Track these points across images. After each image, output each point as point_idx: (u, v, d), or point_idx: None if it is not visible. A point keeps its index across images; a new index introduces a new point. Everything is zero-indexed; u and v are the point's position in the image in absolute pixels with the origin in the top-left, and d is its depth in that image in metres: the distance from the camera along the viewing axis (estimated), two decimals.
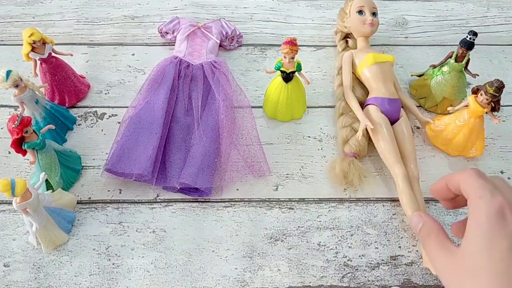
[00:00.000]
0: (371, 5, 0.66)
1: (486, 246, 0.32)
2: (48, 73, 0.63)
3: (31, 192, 0.48)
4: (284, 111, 0.65)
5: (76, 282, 0.52)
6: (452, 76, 0.65)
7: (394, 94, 0.60)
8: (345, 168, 0.57)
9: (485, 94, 0.55)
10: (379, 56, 0.62)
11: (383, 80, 0.61)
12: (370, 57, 0.62)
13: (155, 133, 0.60)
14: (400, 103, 0.61)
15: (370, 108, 0.60)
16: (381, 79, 0.61)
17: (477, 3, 0.85)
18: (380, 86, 0.60)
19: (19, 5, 0.82)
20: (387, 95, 0.60)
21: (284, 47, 0.58)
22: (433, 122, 0.62)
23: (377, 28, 0.66)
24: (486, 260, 0.32)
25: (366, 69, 0.62)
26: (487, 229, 0.32)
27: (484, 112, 0.57)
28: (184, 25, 0.73)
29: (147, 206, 0.58)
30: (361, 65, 0.62)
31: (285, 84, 0.62)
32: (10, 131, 0.51)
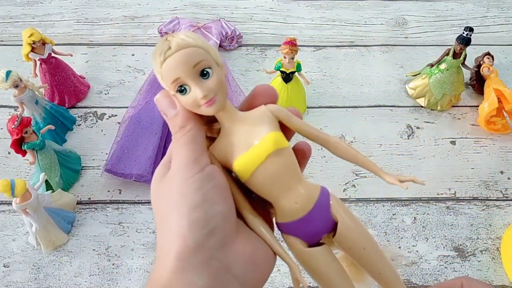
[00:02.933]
0: (189, 64, 0.27)
1: None
2: (48, 74, 0.63)
3: (31, 192, 0.48)
4: None
5: (76, 282, 0.52)
6: (450, 72, 0.65)
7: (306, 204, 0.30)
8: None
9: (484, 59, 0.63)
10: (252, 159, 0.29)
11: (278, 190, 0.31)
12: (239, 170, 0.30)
13: (155, 133, 0.60)
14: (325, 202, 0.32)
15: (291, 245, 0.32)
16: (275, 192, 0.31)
17: (477, 3, 0.85)
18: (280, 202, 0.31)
19: (19, 5, 0.82)
20: (296, 215, 0.31)
21: (284, 47, 0.58)
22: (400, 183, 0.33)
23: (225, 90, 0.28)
24: None
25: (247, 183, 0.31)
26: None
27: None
28: (184, 25, 0.73)
29: (147, 206, 0.58)
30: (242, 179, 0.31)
31: (285, 84, 0.62)
32: (10, 131, 0.51)
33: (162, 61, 0.28)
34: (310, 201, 0.31)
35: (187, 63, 0.27)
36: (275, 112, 0.30)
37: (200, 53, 0.28)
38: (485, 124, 0.64)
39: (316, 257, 0.31)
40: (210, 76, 0.28)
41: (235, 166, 0.30)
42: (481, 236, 0.56)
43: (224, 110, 0.30)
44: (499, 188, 0.60)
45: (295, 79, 0.63)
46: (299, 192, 0.30)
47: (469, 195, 0.60)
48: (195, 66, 0.28)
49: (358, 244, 0.31)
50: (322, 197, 0.31)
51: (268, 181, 0.30)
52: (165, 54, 0.27)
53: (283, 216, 0.31)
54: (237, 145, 0.30)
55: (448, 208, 0.58)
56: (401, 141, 0.64)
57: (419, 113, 0.68)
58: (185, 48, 0.27)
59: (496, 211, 0.58)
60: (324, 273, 0.31)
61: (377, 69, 0.73)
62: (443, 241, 0.55)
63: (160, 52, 0.27)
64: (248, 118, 0.30)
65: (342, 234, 0.31)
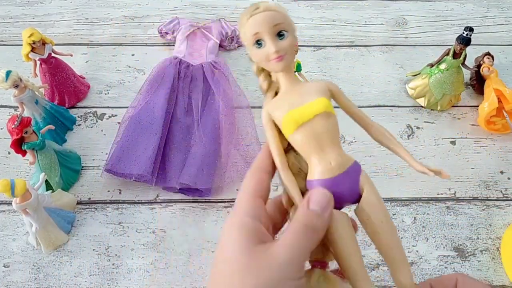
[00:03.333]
0: (271, 23, 0.34)
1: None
2: (48, 74, 0.63)
3: (31, 192, 0.48)
4: None
5: (76, 282, 0.52)
6: (450, 72, 0.65)
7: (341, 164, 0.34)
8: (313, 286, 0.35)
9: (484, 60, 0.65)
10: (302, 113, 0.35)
11: (318, 149, 0.35)
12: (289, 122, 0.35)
13: (155, 133, 0.60)
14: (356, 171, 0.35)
15: None
16: (315, 149, 0.35)
17: (477, 3, 0.85)
18: (316, 160, 0.35)
19: (19, 5, 0.82)
20: (328, 174, 0.34)
21: None
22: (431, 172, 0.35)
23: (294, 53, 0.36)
24: None
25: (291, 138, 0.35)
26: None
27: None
28: (184, 25, 0.73)
29: (147, 206, 0.58)
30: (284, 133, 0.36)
31: None
32: (10, 131, 0.51)
33: (249, 17, 0.33)
34: (343, 165, 0.34)
35: (269, 21, 0.33)
36: (330, 86, 0.35)
37: (281, 18, 0.33)
38: (485, 124, 0.64)
39: (335, 217, 0.33)
40: (285, 37, 0.34)
41: (285, 118, 0.34)
42: (481, 236, 0.56)
43: (287, 72, 0.35)
44: (499, 188, 0.60)
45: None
46: (335, 155, 0.34)
47: (469, 195, 0.60)
48: (275, 26, 0.33)
49: (377, 217, 0.34)
50: (354, 166, 0.34)
51: (311, 138, 0.34)
52: (252, 12, 0.33)
53: (316, 174, 0.34)
54: (291, 102, 0.34)
55: (448, 208, 0.58)
56: (401, 141, 0.64)
57: (419, 113, 0.68)
58: (270, 11, 0.33)
59: (496, 211, 0.58)
60: (339, 234, 0.33)
61: (377, 69, 0.73)
62: (443, 241, 0.55)
63: (248, 11, 0.33)
64: (306, 85, 0.35)
65: (365, 204, 0.34)
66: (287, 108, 0.34)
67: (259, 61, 0.36)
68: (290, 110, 0.34)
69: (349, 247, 0.34)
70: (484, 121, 0.64)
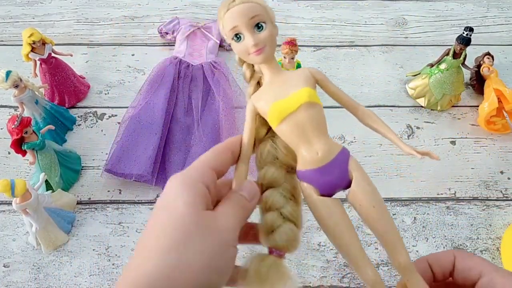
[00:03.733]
0: (247, 15, 0.34)
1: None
2: (48, 74, 0.63)
3: (31, 192, 0.48)
4: None
5: (76, 282, 0.52)
6: (450, 72, 0.65)
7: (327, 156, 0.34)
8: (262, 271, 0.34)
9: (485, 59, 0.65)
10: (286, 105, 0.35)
11: (304, 139, 0.35)
12: (273, 113, 0.35)
13: (155, 133, 0.60)
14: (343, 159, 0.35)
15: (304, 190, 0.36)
16: (301, 140, 0.35)
17: (477, 3, 0.85)
18: (303, 151, 0.35)
19: (19, 5, 0.82)
20: (315, 164, 0.35)
21: (284, 47, 0.58)
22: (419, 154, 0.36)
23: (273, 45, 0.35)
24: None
25: (277, 130, 0.36)
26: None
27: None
28: (184, 25, 0.73)
29: (147, 206, 0.58)
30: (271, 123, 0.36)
31: None
32: (10, 131, 0.51)
33: (226, 11, 0.33)
34: (331, 154, 0.34)
35: (246, 14, 0.33)
36: (314, 74, 0.35)
37: (258, 9, 0.33)
38: (485, 124, 0.64)
39: (326, 205, 0.34)
40: (263, 29, 0.33)
41: (270, 110, 0.34)
42: (481, 236, 0.56)
43: (269, 63, 0.35)
44: (499, 188, 0.60)
45: None
46: (321, 144, 0.34)
47: (469, 195, 0.60)
48: (251, 18, 0.33)
49: (369, 201, 0.34)
50: (342, 154, 0.34)
51: (296, 128, 0.34)
52: (229, 5, 0.33)
53: (304, 164, 0.34)
54: (275, 93, 0.34)
55: (448, 208, 0.58)
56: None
57: (419, 113, 0.68)
58: (247, 3, 0.33)
59: (496, 211, 0.58)
60: (333, 221, 0.34)
61: (377, 69, 0.73)
62: (443, 241, 0.55)
63: (225, 4, 0.33)
64: (289, 74, 0.35)
65: (355, 189, 0.34)
66: (272, 100, 0.34)
67: (240, 55, 0.35)
68: (274, 102, 0.34)
69: (344, 233, 0.34)
70: (484, 121, 0.64)
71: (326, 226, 0.35)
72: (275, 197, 0.36)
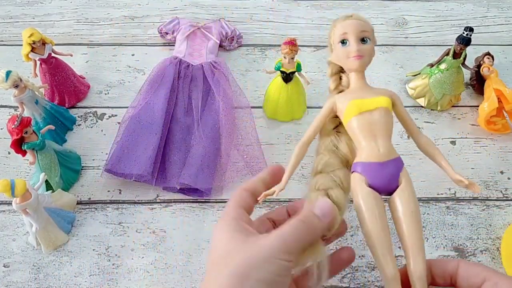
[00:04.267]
0: (358, 29, 0.42)
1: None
2: (48, 74, 0.63)
3: (31, 192, 0.48)
4: (284, 111, 0.65)
5: (76, 282, 0.52)
6: (450, 73, 0.65)
7: (388, 154, 0.40)
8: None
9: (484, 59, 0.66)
10: (365, 103, 0.41)
11: (371, 136, 0.40)
12: (352, 106, 0.41)
13: (155, 133, 0.60)
14: (400, 164, 0.40)
15: (354, 178, 0.40)
16: (369, 135, 0.40)
17: (477, 3, 0.85)
18: (368, 145, 0.40)
19: (19, 5, 0.82)
20: (377, 158, 0.39)
21: (284, 47, 0.58)
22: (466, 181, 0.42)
23: (370, 57, 0.43)
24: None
25: (350, 122, 0.41)
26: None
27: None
28: (184, 25, 0.73)
29: (147, 206, 0.58)
30: (345, 116, 0.42)
31: (285, 85, 0.62)
32: (10, 131, 0.51)
33: (342, 21, 0.41)
34: (389, 155, 0.39)
35: (358, 27, 0.41)
36: (393, 95, 0.43)
37: (368, 27, 0.42)
38: (485, 124, 0.64)
39: (371, 196, 0.38)
40: (367, 43, 0.42)
41: (349, 104, 0.40)
42: (481, 236, 0.56)
43: (359, 73, 0.43)
44: (499, 188, 0.60)
45: (295, 79, 0.63)
46: (384, 144, 0.39)
47: (469, 195, 0.60)
48: (361, 32, 0.41)
49: (408, 207, 0.37)
50: (399, 160, 0.40)
51: (367, 125, 0.40)
52: (346, 18, 0.42)
53: (363, 157, 0.39)
54: (357, 96, 0.41)
55: (448, 208, 0.58)
56: (401, 141, 0.64)
57: (419, 113, 0.68)
58: (361, 20, 0.42)
59: (496, 211, 0.58)
60: (371, 210, 0.37)
61: (377, 69, 0.73)
62: (443, 241, 0.56)
63: (342, 17, 0.42)
64: (372, 88, 0.42)
65: (400, 192, 0.38)
66: (353, 98, 0.41)
67: (339, 58, 0.43)
68: (355, 99, 0.41)
69: (379, 224, 0.37)
70: (484, 121, 0.64)
71: (364, 214, 0.38)
72: (325, 179, 0.40)
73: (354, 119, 0.41)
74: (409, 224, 0.38)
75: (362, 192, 0.38)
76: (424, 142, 0.43)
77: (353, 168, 0.40)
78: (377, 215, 0.38)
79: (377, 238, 0.37)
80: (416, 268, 0.36)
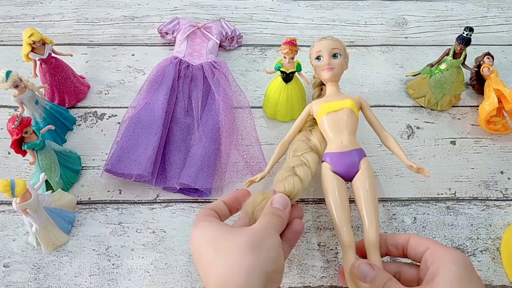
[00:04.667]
0: (330, 46, 0.55)
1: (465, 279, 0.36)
2: (48, 74, 0.63)
3: (31, 192, 0.48)
4: (284, 111, 0.65)
5: (76, 282, 0.52)
6: (451, 73, 0.65)
7: (350, 145, 0.51)
8: (256, 202, 0.46)
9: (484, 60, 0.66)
10: (332, 105, 0.53)
11: (337, 130, 0.52)
12: (322, 108, 0.53)
13: (155, 133, 0.60)
14: (360, 154, 0.51)
15: (323, 166, 0.51)
16: (335, 130, 0.52)
17: (477, 3, 0.85)
18: (334, 137, 0.52)
19: (19, 5, 0.82)
20: (340, 148, 0.51)
21: (284, 47, 0.58)
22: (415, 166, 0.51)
23: (341, 69, 0.56)
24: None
25: (321, 121, 0.53)
26: (465, 270, 0.37)
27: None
28: (184, 25, 0.73)
29: (147, 206, 0.58)
30: (318, 117, 0.54)
31: (285, 85, 0.62)
32: (10, 131, 0.51)
33: (318, 41, 0.57)
34: (352, 146, 0.51)
35: (330, 45, 0.56)
36: (361, 99, 0.55)
37: (339, 46, 0.56)
38: (485, 124, 0.64)
39: (334, 178, 0.49)
40: (337, 58, 0.56)
41: (320, 106, 0.53)
42: (481, 236, 0.56)
43: (332, 83, 0.56)
44: (499, 188, 0.60)
45: (295, 79, 0.63)
46: (347, 138, 0.51)
47: (469, 195, 0.60)
48: (332, 49, 0.56)
49: (364, 187, 0.48)
50: (360, 151, 0.51)
51: (334, 122, 0.52)
52: (321, 38, 0.57)
53: (330, 148, 0.51)
54: (328, 99, 0.54)
55: (448, 208, 0.58)
56: (401, 141, 0.64)
57: (419, 113, 0.68)
58: (333, 40, 0.56)
59: (496, 211, 0.58)
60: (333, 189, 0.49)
61: (377, 69, 0.73)
62: (443, 241, 0.55)
63: (321, 38, 0.57)
64: (343, 94, 0.56)
65: (359, 176, 0.49)
66: (324, 102, 0.54)
67: (316, 71, 0.57)
68: (326, 102, 0.54)
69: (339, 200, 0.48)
70: (484, 121, 0.64)
71: (328, 193, 0.49)
72: (294, 159, 0.52)
73: (324, 117, 0.53)
74: (365, 200, 0.47)
75: (327, 177, 0.50)
76: (384, 136, 0.54)
77: (323, 158, 0.52)
78: (337, 194, 0.48)
79: (336, 212, 0.47)
80: (369, 236, 0.45)
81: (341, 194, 0.48)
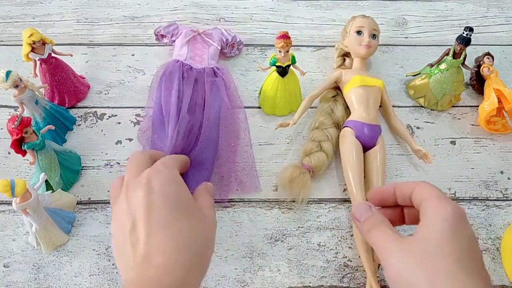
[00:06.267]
0: (371, 26, 0.62)
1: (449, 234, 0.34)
2: (48, 74, 0.63)
3: (31, 192, 0.48)
4: (283, 105, 0.65)
5: (76, 282, 0.52)
6: (451, 73, 0.65)
7: (374, 120, 0.57)
8: (294, 175, 0.54)
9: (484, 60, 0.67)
10: (367, 80, 0.59)
11: (365, 104, 0.58)
12: (356, 79, 0.59)
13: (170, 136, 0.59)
14: (379, 130, 0.58)
15: (345, 130, 0.57)
16: (363, 103, 0.58)
17: (477, 3, 0.85)
18: (361, 110, 0.58)
19: (19, 5, 0.82)
20: (365, 120, 0.57)
21: (278, 41, 0.58)
22: (424, 150, 0.59)
23: (375, 50, 0.63)
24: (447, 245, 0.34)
25: (351, 91, 0.59)
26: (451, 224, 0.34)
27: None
28: (185, 30, 0.72)
29: None
30: (347, 86, 0.59)
31: (281, 79, 0.62)
32: (9, 131, 0.51)
33: (361, 17, 0.64)
34: (375, 121, 0.57)
35: (372, 25, 0.63)
36: (383, 82, 0.62)
37: (378, 28, 0.63)
38: (485, 124, 0.64)
39: (354, 142, 0.56)
40: (375, 38, 0.63)
41: (355, 77, 0.59)
42: (481, 236, 0.56)
43: (362, 60, 0.63)
44: (499, 188, 0.60)
45: (290, 72, 0.63)
46: (372, 113, 0.58)
47: (469, 195, 0.60)
48: (373, 29, 0.62)
49: (376, 162, 0.55)
50: (379, 127, 0.58)
51: (365, 95, 0.58)
52: (364, 15, 0.63)
53: (355, 117, 0.57)
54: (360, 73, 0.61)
55: None
56: (401, 141, 0.64)
57: (419, 113, 0.68)
58: (374, 21, 0.64)
59: (496, 211, 0.58)
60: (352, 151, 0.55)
61: (377, 69, 0.73)
62: None
63: (361, 15, 0.64)
64: (370, 73, 0.63)
65: (375, 150, 0.56)
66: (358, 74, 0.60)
67: (351, 43, 0.63)
68: (359, 75, 0.60)
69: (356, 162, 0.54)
70: (484, 121, 0.64)
71: (346, 151, 0.55)
72: (319, 133, 0.58)
73: (356, 88, 0.58)
74: (377, 172, 0.54)
75: (349, 139, 0.56)
76: (395, 121, 0.61)
77: (346, 123, 0.57)
78: (354, 154, 0.54)
79: (351, 169, 0.53)
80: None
81: (359, 156, 0.54)
